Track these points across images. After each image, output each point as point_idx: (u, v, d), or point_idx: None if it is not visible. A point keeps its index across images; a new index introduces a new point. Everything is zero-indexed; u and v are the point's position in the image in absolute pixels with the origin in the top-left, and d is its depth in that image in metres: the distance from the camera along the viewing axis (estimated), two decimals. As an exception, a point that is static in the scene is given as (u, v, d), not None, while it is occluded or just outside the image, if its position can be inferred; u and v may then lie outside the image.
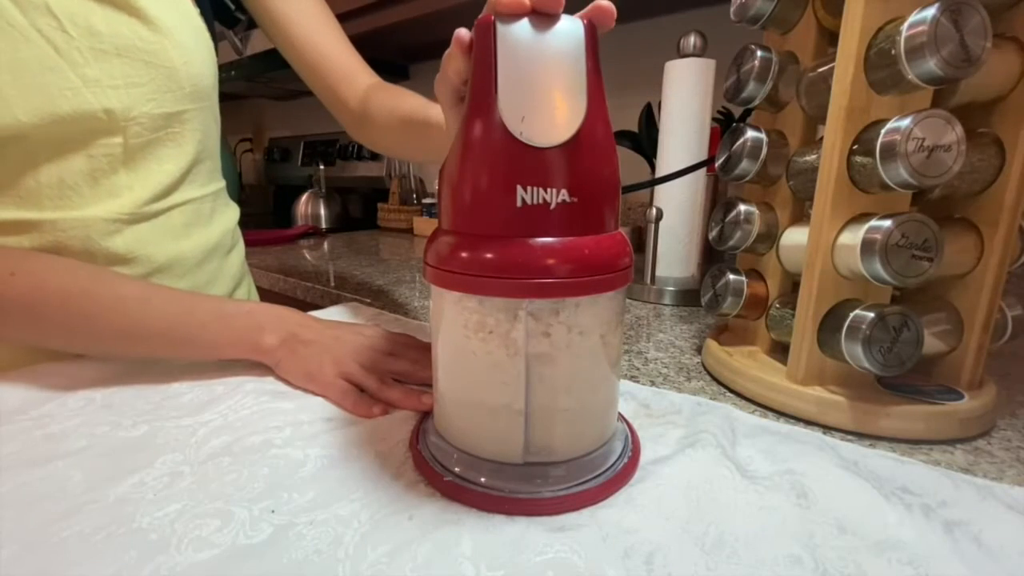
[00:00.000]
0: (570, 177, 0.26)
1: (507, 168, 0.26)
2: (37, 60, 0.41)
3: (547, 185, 0.26)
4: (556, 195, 0.26)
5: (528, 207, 0.26)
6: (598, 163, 0.27)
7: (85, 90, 0.43)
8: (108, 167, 0.47)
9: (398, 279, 0.85)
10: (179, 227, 0.53)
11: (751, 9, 0.42)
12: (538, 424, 0.29)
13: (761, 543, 0.25)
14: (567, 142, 0.26)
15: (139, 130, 0.48)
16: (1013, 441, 0.36)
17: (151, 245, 0.50)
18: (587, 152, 0.26)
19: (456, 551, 0.25)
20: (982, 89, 0.35)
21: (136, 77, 0.46)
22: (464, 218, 0.28)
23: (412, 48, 1.44)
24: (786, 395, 0.39)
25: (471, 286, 0.27)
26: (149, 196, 0.50)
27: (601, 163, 0.27)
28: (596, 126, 0.27)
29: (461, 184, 0.28)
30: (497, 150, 0.26)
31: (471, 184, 0.27)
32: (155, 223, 0.51)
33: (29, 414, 0.37)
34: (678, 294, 0.73)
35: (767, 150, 0.42)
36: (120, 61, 0.45)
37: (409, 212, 1.51)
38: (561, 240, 0.26)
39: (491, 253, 0.26)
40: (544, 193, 0.26)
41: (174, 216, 0.53)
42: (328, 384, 0.40)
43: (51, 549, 0.25)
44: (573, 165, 0.26)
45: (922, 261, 0.33)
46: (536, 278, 0.26)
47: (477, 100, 0.26)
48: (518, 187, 0.26)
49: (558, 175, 0.26)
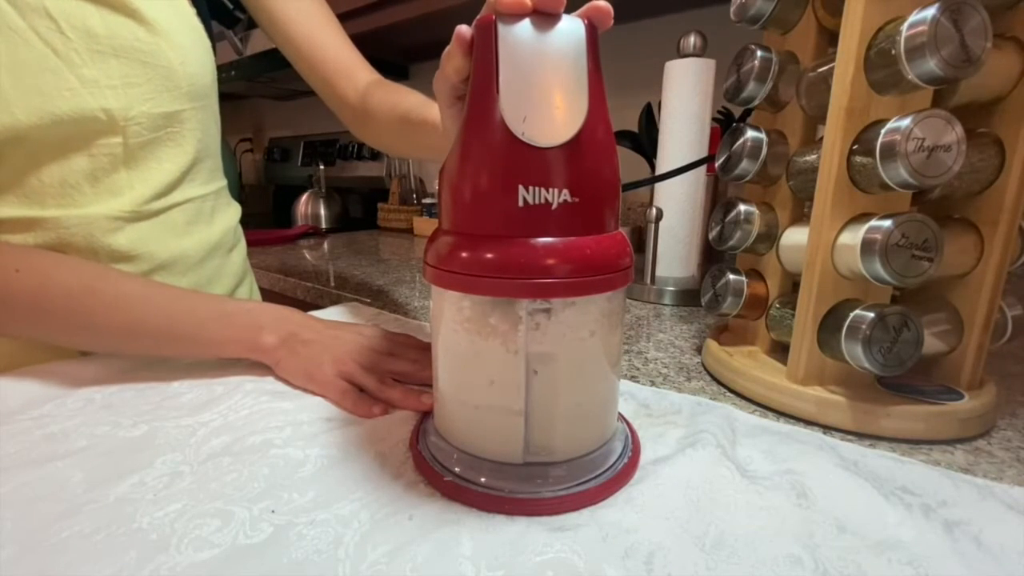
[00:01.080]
0: (572, 177, 0.26)
1: (509, 168, 0.26)
2: (36, 62, 0.41)
3: (549, 185, 0.26)
4: (558, 195, 0.26)
5: (530, 207, 0.26)
6: (599, 163, 0.27)
7: (83, 90, 0.44)
8: (109, 166, 0.47)
9: (398, 279, 0.85)
10: (181, 225, 0.54)
11: (751, 9, 0.42)
12: (538, 424, 0.29)
13: (761, 543, 0.25)
14: (569, 142, 0.26)
15: (138, 129, 0.48)
16: (1013, 441, 0.36)
17: (153, 243, 0.51)
18: (588, 152, 0.26)
19: (456, 551, 0.25)
20: (982, 89, 0.35)
21: (134, 77, 0.47)
22: (465, 218, 0.28)
23: (412, 48, 1.44)
24: (786, 395, 0.39)
25: (471, 286, 0.27)
26: (150, 194, 0.50)
27: (602, 163, 0.27)
28: (597, 126, 0.27)
29: (462, 184, 0.28)
30: (499, 150, 0.26)
31: (472, 184, 0.27)
32: (157, 221, 0.51)
33: (29, 414, 0.37)
34: (678, 294, 0.73)
35: (767, 150, 0.42)
36: (118, 62, 0.46)
37: (409, 212, 1.51)
38: (562, 240, 0.26)
39: (491, 253, 0.26)
40: (546, 193, 0.26)
41: (175, 214, 0.53)
42: (327, 384, 0.40)
43: (51, 549, 0.25)
44: (575, 165, 0.26)
45: (922, 261, 0.33)
46: (536, 278, 0.26)
47: (478, 100, 0.26)
48: (520, 187, 0.26)
49: (560, 175, 0.26)
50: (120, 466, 0.31)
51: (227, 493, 0.29)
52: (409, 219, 1.49)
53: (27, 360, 0.46)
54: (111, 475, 0.30)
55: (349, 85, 0.59)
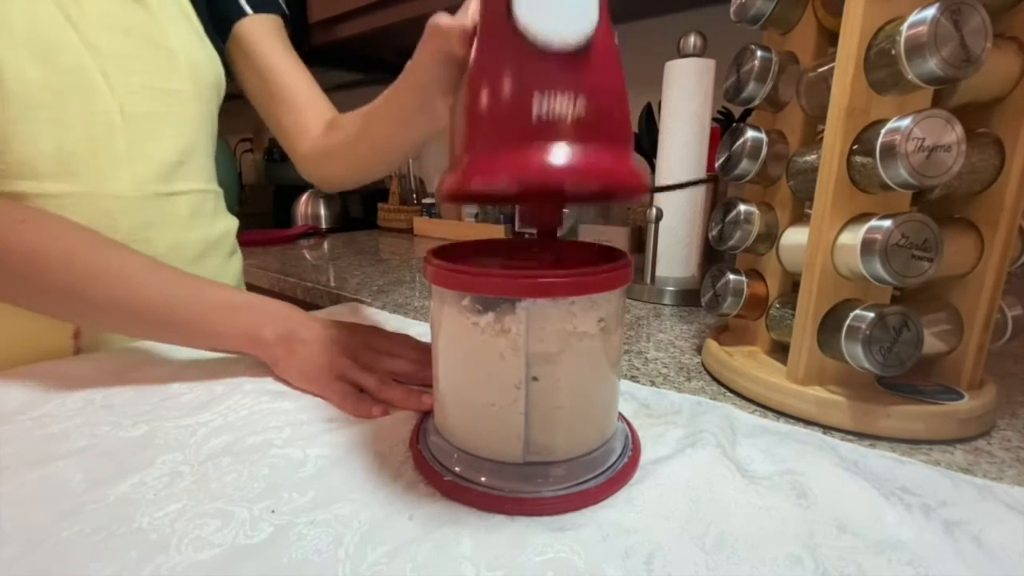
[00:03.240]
0: (586, 87, 0.25)
1: (523, 77, 0.25)
2: (47, 16, 0.44)
3: (564, 91, 0.25)
4: (572, 105, 0.25)
5: (544, 121, 0.25)
6: (611, 75, 0.27)
7: (86, 53, 0.46)
8: (107, 135, 0.48)
9: (398, 279, 0.85)
10: (184, 216, 0.55)
11: (751, 9, 0.42)
12: (538, 424, 0.29)
13: (761, 543, 0.26)
14: (582, 48, 0.25)
15: (137, 100, 0.50)
16: (1013, 441, 0.36)
17: (154, 228, 0.52)
18: (601, 62, 0.26)
19: (456, 551, 0.25)
20: (982, 89, 0.35)
21: (137, 51, 0.50)
22: (483, 131, 0.27)
23: (412, 48, 1.44)
24: (786, 395, 0.39)
25: (472, 285, 0.27)
26: (151, 175, 0.51)
27: (613, 75, 0.27)
28: (608, 38, 0.26)
29: (479, 97, 0.27)
30: (513, 60, 0.25)
31: (490, 94, 0.26)
32: (161, 208, 0.53)
33: (29, 414, 0.37)
34: (678, 294, 0.73)
35: (767, 150, 0.42)
36: (124, 38, 0.49)
37: (409, 212, 1.51)
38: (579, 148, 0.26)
39: (506, 164, 0.26)
40: (560, 101, 0.25)
41: (179, 203, 0.54)
42: (327, 385, 0.40)
43: (51, 549, 0.25)
44: (588, 76, 0.26)
45: (922, 261, 0.33)
46: (536, 277, 0.26)
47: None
48: (535, 93, 0.25)
49: (575, 84, 0.25)
50: (120, 466, 0.31)
51: (227, 493, 0.29)
52: (409, 219, 1.49)
53: (27, 360, 0.45)
54: (111, 475, 0.30)
55: (316, 117, 0.60)
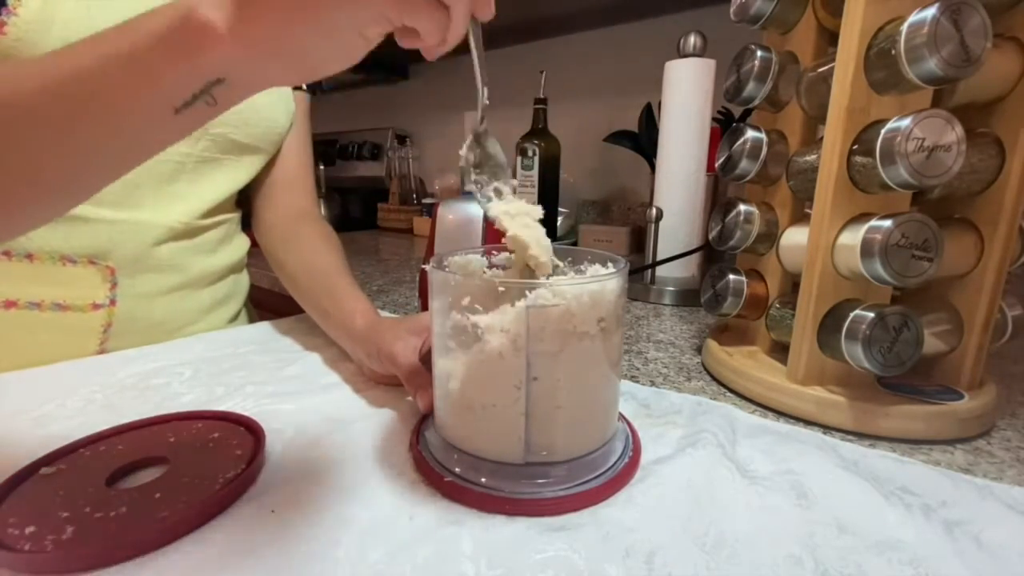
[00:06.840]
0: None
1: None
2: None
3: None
4: None
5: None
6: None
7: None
8: (172, 173, 0.51)
9: (398, 279, 0.85)
10: (213, 243, 0.58)
11: (751, 9, 0.42)
12: (539, 424, 0.29)
13: (761, 543, 0.26)
14: None
15: (211, 148, 0.53)
16: (1013, 441, 0.36)
17: (188, 256, 0.55)
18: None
19: (456, 551, 0.25)
20: (982, 89, 0.35)
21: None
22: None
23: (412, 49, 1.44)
24: (786, 395, 0.39)
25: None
26: (200, 212, 0.54)
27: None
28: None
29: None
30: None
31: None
32: (198, 237, 0.55)
33: (29, 414, 0.37)
34: (678, 294, 0.73)
35: (767, 150, 0.42)
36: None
37: (409, 212, 1.51)
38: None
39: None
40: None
41: (211, 233, 0.57)
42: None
43: (51, 549, 0.25)
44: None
45: (922, 261, 0.33)
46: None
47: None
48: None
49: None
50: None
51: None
52: (409, 219, 1.49)
53: (27, 360, 0.45)
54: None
55: (292, 196, 0.61)
